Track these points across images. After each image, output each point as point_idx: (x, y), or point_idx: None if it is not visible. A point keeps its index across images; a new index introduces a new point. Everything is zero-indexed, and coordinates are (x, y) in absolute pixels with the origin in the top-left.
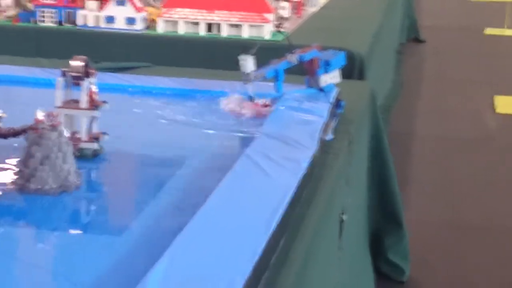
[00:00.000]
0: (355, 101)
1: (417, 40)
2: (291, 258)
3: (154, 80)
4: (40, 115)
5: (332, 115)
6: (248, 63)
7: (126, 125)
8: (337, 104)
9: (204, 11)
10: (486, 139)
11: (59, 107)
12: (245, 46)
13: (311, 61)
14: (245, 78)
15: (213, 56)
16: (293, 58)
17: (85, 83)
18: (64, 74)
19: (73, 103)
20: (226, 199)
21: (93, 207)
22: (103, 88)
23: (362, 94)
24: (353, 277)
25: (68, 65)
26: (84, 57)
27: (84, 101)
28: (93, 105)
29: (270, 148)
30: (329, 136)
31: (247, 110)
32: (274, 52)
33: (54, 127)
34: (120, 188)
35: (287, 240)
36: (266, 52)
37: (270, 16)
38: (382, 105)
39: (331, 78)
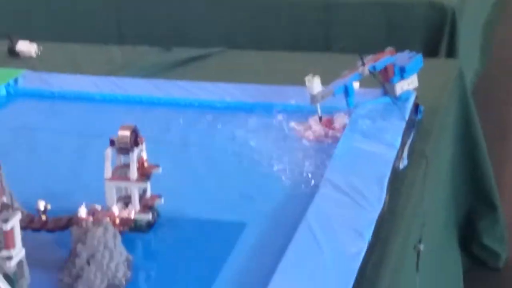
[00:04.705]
0: (438, 91)
1: None
2: None
3: (219, 89)
4: (83, 211)
5: (409, 129)
6: (314, 84)
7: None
8: (415, 110)
9: None
10: None
11: (109, 180)
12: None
13: (385, 68)
14: (312, 99)
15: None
16: (364, 70)
17: (134, 153)
18: (113, 143)
19: (123, 171)
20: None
21: None
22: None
23: (448, 78)
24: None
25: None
26: (132, 125)
27: (134, 173)
28: (144, 174)
29: (331, 212)
30: (404, 164)
31: (319, 133)
32: None
33: (98, 222)
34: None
35: None
36: None
37: None
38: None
39: (408, 84)
